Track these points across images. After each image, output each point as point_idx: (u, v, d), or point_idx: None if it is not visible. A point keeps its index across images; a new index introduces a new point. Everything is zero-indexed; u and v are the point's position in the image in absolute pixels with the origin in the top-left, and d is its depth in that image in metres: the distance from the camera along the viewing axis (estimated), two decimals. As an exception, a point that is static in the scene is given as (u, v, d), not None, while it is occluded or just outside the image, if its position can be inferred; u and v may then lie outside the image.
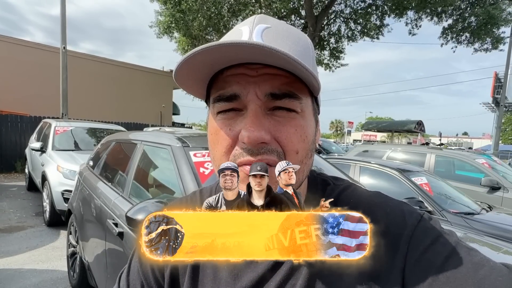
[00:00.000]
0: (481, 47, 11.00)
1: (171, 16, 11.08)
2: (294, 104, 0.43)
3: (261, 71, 0.42)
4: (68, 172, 4.37)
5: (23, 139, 8.45)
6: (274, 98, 0.42)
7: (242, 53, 0.39)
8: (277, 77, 0.42)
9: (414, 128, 13.80)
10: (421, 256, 0.40)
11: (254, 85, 0.42)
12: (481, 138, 45.03)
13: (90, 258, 2.34)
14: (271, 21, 0.46)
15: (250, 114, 0.42)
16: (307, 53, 0.46)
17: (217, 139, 0.46)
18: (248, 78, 0.42)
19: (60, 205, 4.22)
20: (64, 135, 5.54)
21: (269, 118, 0.43)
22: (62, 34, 8.30)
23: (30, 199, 5.84)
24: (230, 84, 0.43)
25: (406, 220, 0.43)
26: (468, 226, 2.86)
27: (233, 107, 0.44)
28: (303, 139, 0.45)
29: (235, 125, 0.44)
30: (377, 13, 11.31)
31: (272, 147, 0.42)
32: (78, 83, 12.78)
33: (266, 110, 0.43)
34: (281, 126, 0.43)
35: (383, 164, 3.93)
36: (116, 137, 2.89)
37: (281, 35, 0.44)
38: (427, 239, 0.41)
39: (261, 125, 0.41)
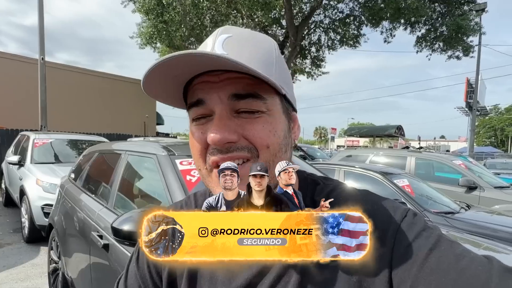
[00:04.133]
0: (453, 54, 11.57)
1: (153, 27, 11.05)
2: (258, 104, 0.46)
3: (223, 76, 0.45)
4: (48, 186, 4.22)
5: (0, 153, 8.10)
6: (237, 98, 0.45)
7: (202, 64, 0.42)
8: (240, 80, 0.45)
9: (394, 133, 14.24)
10: (406, 249, 0.41)
11: (217, 89, 0.45)
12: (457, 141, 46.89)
13: (74, 273, 2.27)
14: (234, 30, 0.49)
15: (215, 118, 0.45)
16: (269, 56, 0.48)
17: (192, 143, 0.49)
18: (211, 84, 0.46)
19: (40, 220, 4.06)
20: (43, 147, 5.37)
21: (236, 120, 0.46)
22: (40, 45, 8.11)
23: (7, 215, 5.58)
24: (196, 91, 0.47)
25: (393, 216, 0.45)
26: (449, 225, 2.98)
27: (202, 112, 0.47)
28: (273, 134, 0.46)
29: (205, 129, 0.47)
30: (354, 23, 11.73)
31: (242, 145, 0.45)
32: (57, 95, 12.45)
33: (232, 113, 0.46)
34: (248, 125, 0.45)
35: (367, 168, 4.04)
36: (99, 148, 2.84)
37: (242, 42, 0.47)
38: (412, 233, 0.43)
39: (224, 127, 0.44)
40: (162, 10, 10.34)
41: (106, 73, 17.03)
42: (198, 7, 10.20)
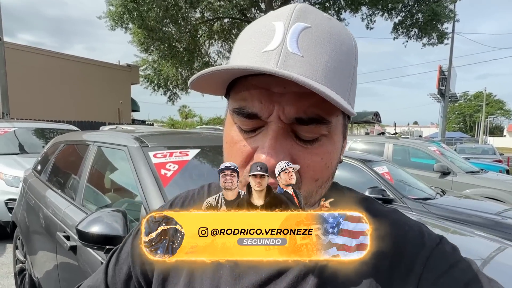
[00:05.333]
0: (429, 41, 11.83)
1: (123, 6, 10.36)
2: (321, 129, 0.39)
3: (289, 88, 0.37)
4: (11, 179, 3.93)
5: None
6: (299, 123, 0.38)
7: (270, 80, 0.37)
8: (305, 96, 0.37)
9: (371, 119, 14.56)
10: (436, 280, 0.37)
11: (278, 106, 0.37)
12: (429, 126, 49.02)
13: (40, 274, 2.11)
14: (312, 17, 0.39)
15: (271, 136, 0.38)
16: (349, 64, 0.40)
17: (231, 151, 0.42)
18: (273, 96, 0.37)
19: (4, 216, 3.78)
20: (5, 137, 4.97)
21: (292, 142, 0.39)
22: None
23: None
24: (252, 98, 0.38)
25: (425, 240, 0.41)
26: (426, 211, 3.05)
27: (253, 125, 0.40)
28: (328, 167, 0.41)
29: (251, 141, 0.40)
30: (334, 8, 11.64)
31: None
32: (20, 79, 11.58)
33: (289, 131, 0.39)
34: (305, 153, 0.39)
35: (347, 155, 4.05)
36: (66, 138, 2.61)
37: (322, 40, 0.37)
38: (445, 263, 0.39)
39: (281, 149, 0.37)
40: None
41: (75, 56, 15.97)
42: (172, -14, 9.69)
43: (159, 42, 12.11)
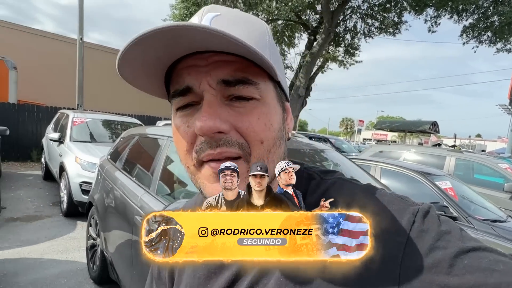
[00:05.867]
0: (504, 47, 10.64)
1: (185, 9, 11.01)
2: (250, 90, 0.41)
3: (212, 59, 0.40)
4: (86, 164, 4.40)
5: (39, 129, 8.57)
6: (227, 85, 0.41)
7: (188, 39, 0.37)
8: (230, 63, 0.40)
9: (428, 129, 13.52)
10: (419, 267, 0.35)
11: (205, 74, 0.41)
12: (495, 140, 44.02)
13: (112, 250, 2.35)
14: (222, 9, 0.45)
15: (204, 104, 0.41)
16: (262, 38, 0.45)
17: (178, 138, 0.44)
18: (198, 68, 0.41)
19: (77, 196, 4.26)
20: (81, 126, 5.59)
21: (228, 108, 0.41)
22: (79, 25, 8.36)
23: (47, 189, 5.93)
24: (182, 77, 0.42)
25: (398, 222, 0.39)
26: (496, 234, 2.77)
27: (189, 101, 0.42)
28: (268, 127, 0.43)
29: (192, 120, 0.42)
30: (395, 9, 11.04)
31: (233, 138, 0.41)
32: (93, 74, 12.88)
33: (223, 100, 0.41)
34: (241, 116, 0.41)
35: (405, 166, 3.84)
36: (140, 131, 2.87)
37: (232, 21, 0.43)
38: (424, 245, 0.36)
39: (215, 114, 0.40)
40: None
41: None
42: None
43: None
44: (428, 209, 0.40)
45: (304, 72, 11.04)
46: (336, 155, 2.70)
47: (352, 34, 12.45)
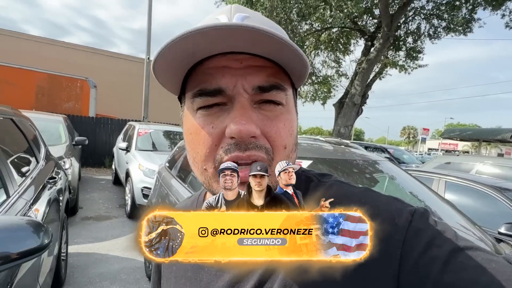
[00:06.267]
0: None
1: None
2: (281, 96, 0.42)
3: (246, 63, 0.40)
4: (147, 171, 4.79)
5: (112, 139, 9.64)
6: (261, 91, 0.41)
7: (225, 38, 0.37)
8: (263, 69, 0.41)
9: (510, 138, 11.74)
10: (416, 263, 0.36)
11: (240, 78, 0.40)
12: None
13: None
14: (248, 11, 0.45)
15: (238, 107, 0.40)
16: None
17: (198, 139, 0.43)
18: (232, 71, 0.40)
19: (139, 200, 4.65)
20: (145, 136, 6.13)
21: (257, 112, 0.41)
22: (147, 46, 9.30)
23: (115, 192, 6.61)
24: (213, 77, 0.41)
25: (396, 222, 0.39)
26: None
27: (217, 101, 0.41)
28: (291, 134, 0.44)
29: (218, 122, 0.41)
30: (467, 6, 9.96)
31: (261, 142, 0.41)
32: (158, 89, 14.15)
33: (252, 104, 0.41)
34: (270, 121, 0.42)
35: (475, 180, 3.37)
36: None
37: (262, 23, 0.41)
38: (421, 243, 0.37)
39: (250, 118, 0.40)
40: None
41: None
42: (286, 1, 10.14)
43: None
44: (424, 211, 0.41)
45: (360, 79, 10.57)
46: (391, 166, 2.48)
47: (414, 37, 11.57)
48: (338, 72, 14.67)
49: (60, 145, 5.13)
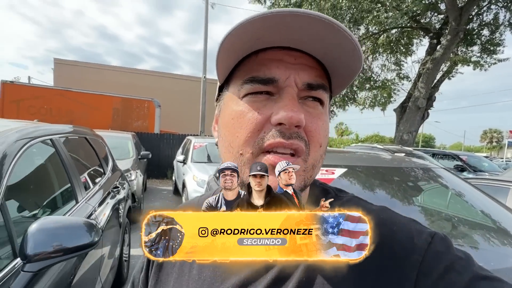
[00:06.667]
0: None
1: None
2: (324, 97, 0.44)
3: (299, 60, 0.42)
4: (200, 181, 5.00)
5: (173, 152, 10.34)
6: (309, 88, 0.43)
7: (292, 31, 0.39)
8: (313, 69, 0.43)
9: None
10: (433, 286, 0.35)
11: (294, 72, 0.42)
12: None
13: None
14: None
15: (289, 97, 0.41)
16: None
17: (241, 123, 0.43)
18: (287, 64, 0.42)
19: (194, 210, 4.85)
20: (200, 149, 6.45)
21: (301, 106, 0.42)
22: (203, 65, 9.95)
23: (174, 201, 7.00)
24: (268, 67, 0.42)
25: (415, 241, 0.39)
26: None
27: (266, 90, 0.43)
28: (326, 134, 0.45)
29: (265, 109, 0.42)
30: None
31: (302, 134, 0.42)
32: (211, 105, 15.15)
33: (298, 99, 0.43)
34: (311, 117, 0.43)
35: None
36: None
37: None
38: (440, 266, 0.37)
39: (298, 108, 0.41)
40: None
41: None
42: (337, 8, 9.90)
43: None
44: (445, 236, 0.41)
45: (424, 80, 9.66)
46: (447, 175, 2.11)
47: (491, 28, 10.17)
48: (400, 75, 13.69)
49: (128, 159, 5.69)
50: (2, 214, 1.11)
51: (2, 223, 1.11)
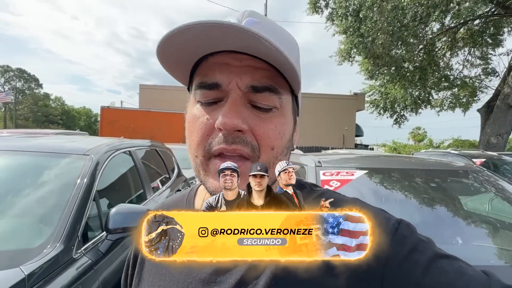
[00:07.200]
0: None
1: (350, 43, 11.32)
2: (273, 99, 0.44)
3: (245, 62, 0.43)
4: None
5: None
6: (254, 91, 0.43)
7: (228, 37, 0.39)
8: (259, 70, 0.43)
9: None
10: (399, 266, 0.39)
11: (236, 76, 0.43)
12: None
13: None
14: (260, 16, 0.47)
15: (229, 102, 0.43)
16: (293, 52, 0.47)
17: (194, 127, 0.46)
18: (231, 68, 0.43)
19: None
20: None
21: (249, 111, 0.44)
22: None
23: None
24: (213, 72, 0.44)
25: (385, 228, 0.42)
26: None
27: (214, 96, 0.44)
28: (281, 136, 0.46)
29: (213, 114, 0.44)
30: None
31: (248, 139, 0.43)
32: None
33: (246, 102, 0.44)
34: (260, 121, 0.44)
35: None
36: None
37: (269, 30, 0.44)
38: (405, 248, 0.40)
39: (238, 113, 0.42)
40: (359, 25, 10.38)
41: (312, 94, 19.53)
42: (398, 9, 9.40)
43: (385, 67, 12.06)
44: (409, 223, 0.44)
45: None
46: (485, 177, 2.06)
47: None
48: (486, 70, 12.04)
49: (193, 168, 6.40)
50: (96, 203, 1.70)
51: (95, 210, 1.67)
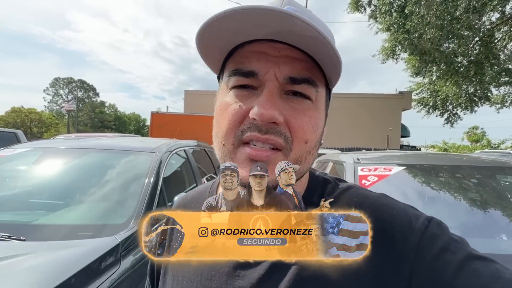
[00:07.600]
0: None
1: (395, 40, 10.85)
2: (310, 91, 0.43)
3: (283, 52, 0.42)
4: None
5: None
6: (292, 82, 0.42)
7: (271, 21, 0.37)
8: (298, 61, 0.42)
9: None
10: (429, 265, 0.37)
11: (274, 65, 0.42)
12: None
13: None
14: (299, 6, 0.46)
15: (266, 93, 0.41)
16: (333, 40, 0.45)
17: (225, 114, 0.44)
18: (269, 57, 0.42)
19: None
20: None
21: (284, 102, 0.42)
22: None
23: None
24: (250, 60, 0.42)
25: (413, 224, 0.40)
26: None
27: (249, 83, 0.43)
28: (315, 130, 0.44)
29: (247, 102, 0.42)
30: None
31: (282, 130, 0.41)
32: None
33: (282, 93, 0.42)
34: (296, 113, 0.42)
35: None
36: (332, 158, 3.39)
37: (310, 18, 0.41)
38: (436, 247, 0.38)
39: (275, 105, 0.41)
40: (404, 21, 9.92)
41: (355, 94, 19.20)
42: (449, 1, 8.81)
43: (433, 63, 11.34)
44: (440, 221, 0.42)
45: None
46: None
47: None
48: None
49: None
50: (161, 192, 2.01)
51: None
